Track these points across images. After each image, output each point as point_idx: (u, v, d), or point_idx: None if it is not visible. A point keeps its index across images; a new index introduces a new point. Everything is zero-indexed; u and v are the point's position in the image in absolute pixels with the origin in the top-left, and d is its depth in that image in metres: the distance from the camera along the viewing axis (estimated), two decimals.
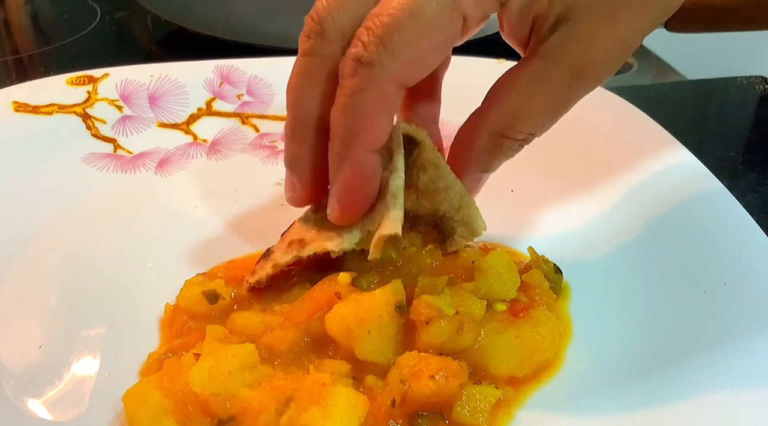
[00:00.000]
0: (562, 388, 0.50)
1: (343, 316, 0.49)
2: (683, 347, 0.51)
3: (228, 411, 0.45)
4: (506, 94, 0.49)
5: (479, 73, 0.84)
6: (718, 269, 0.56)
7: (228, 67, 0.83)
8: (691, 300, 0.55)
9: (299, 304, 0.52)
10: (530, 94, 0.48)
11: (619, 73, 1.07)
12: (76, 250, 0.63)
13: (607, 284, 0.59)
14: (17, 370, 0.51)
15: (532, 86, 0.47)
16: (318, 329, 0.50)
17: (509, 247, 0.64)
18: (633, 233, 0.63)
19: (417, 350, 0.48)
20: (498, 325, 0.50)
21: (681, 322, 0.54)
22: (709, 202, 0.63)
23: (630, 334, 0.54)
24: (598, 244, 0.63)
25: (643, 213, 0.64)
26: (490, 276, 0.52)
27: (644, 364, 0.51)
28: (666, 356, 0.51)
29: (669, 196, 0.65)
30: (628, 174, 0.69)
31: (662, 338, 0.53)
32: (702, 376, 0.48)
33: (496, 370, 0.50)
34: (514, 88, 0.48)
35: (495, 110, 0.49)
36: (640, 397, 0.48)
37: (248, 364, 0.46)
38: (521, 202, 0.70)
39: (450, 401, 0.46)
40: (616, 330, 0.55)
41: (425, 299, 0.49)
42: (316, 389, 0.44)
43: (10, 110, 0.73)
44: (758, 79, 1.02)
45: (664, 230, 0.62)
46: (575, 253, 0.61)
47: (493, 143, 0.50)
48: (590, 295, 0.59)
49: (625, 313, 0.56)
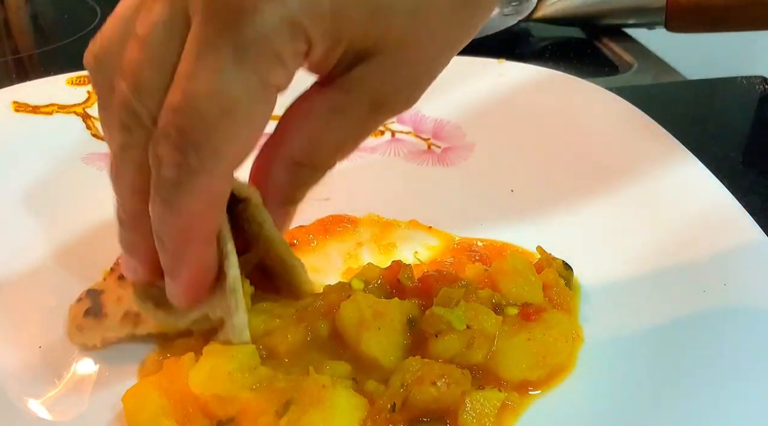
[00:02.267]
0: (572, 391, 0.50)
1: (360, 305, 0.49)
2: (683, 347, 0.51)
3: (227, 412, 0.45)
4: (303, 123, 0.46)
5: (479, 73, 0.85)
6: (718, 269, 0.56)
7: None
8: (690, 300, 0.55)
9: (311, 304, 0.52)
10: (329, 125, 0.46)
11: (619, 73, 1.07)
12: (76, 250, 0.63)
13: (608, 284, 0.59)
14: (17, 370, 0.51)
15: (332, 116, 0.45)
16: (324, 331, 0.50)
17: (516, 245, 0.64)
18: (632, 233, 0.63)
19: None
20: (509, 329, 0.50)
21: (681, 322, 0.54)
22: (708, 202, 0.63)
23: (632, 334, 0.54)
24: (597, 245, 0.63)
25: (643, 213, 0.64)
26: (515, 279, 0.53)
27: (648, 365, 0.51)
28: (668, 356, 0.51)
29: (668, 196, 0.65)
30: (627, 174, 0.69)
31: (662, 338, 0.53)
32: (704, 378, 0.48)
33: (508, 373, 0.49)
34: (312, 118, 0.46)
35: (292, 139, 0.47)
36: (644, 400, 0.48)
37: (248, 366, 0.46)
38: (521, 202, 0.70)
39: (452, 409, 0.46)
40: (623, 330, 0.55)
41: (436, 311, 0.49)
42: (316, 391, 0.44)
43: (10, 110, 0.73)
44: (758, 79, 1.02)
45: (663, 230, 0.62)
46: (575, 252, 0.61)
47: (291, 172, 0.48)
48: (592, 295, 0.59)
49: (628, 313, 0.56)
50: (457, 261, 0.62)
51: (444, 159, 0.78)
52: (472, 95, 0.83)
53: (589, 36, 1.19)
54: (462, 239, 0.65)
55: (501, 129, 0.79)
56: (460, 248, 0.64)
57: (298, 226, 0.66)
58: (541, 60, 1.11)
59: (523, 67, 0.85)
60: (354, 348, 0.49)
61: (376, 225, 0.67)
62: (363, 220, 0.68)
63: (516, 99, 0.81)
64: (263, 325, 0.51)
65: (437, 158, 0.78)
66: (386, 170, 0.76)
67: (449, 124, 0.82)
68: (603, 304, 0.58)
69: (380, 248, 0.64)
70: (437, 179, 0.75)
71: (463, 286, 0.52)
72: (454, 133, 0.81)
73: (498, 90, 0.83)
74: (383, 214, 0.68)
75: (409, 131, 0.81)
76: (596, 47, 1.16)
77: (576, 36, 1.19)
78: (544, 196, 0.70)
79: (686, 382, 0.49)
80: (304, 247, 0.64)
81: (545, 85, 0.82)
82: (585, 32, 1.19)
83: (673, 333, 0.53)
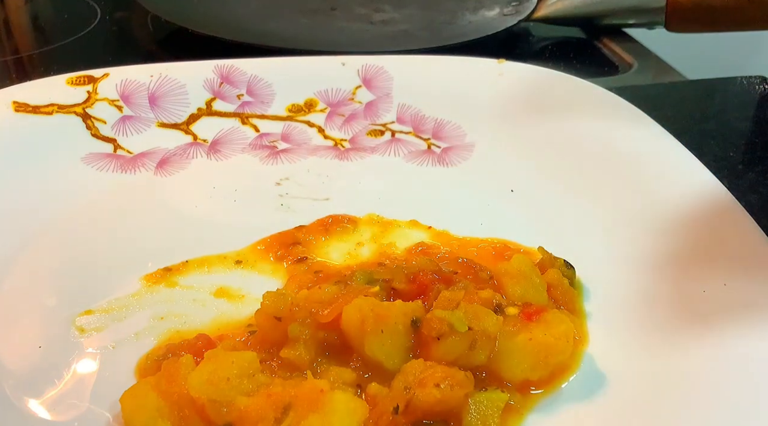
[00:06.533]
0: (575, 391, 0.50)
1: (362, 307, 0.49)
2: (683, 347, 0.51)
3: (224, 417, 0.45)
4: None
5: (479, 73, 0.85)
6: (718, 269, 0.56)
7: (228, 67, 0.83)
8: (690, 300, 0.55)
9: (329, 305, 0.52)
10: None
11: (619, 73, 1.07)
12: (76, 250, 0.63)
13: (609, 284, 0.59)
14: (17, 370, 0.51)
15: None
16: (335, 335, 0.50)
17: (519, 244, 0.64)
18: (632, 233, 0.63)
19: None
20: (511, 329, 0.50)
21: (681, 322, 0.53)
22: (709, 202, 0.63)
23: (633, 334, 0.54)
24: (598, 244, 0.63)
25: (643, 213, 0.64)
26: (519, 281, 0.53)
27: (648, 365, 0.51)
28: (668, 356, 0.51)
29: (668, 196, 0.65)
30: (627, 174, 0.69)
31: (663, 338, 0.53)
32: (704, 378, 0.48)
33: (510, 373, 0.49)
34: None
35: None
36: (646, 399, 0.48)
37: (247, 372, 0.46)
38: (521, 202, 0.70)
39: (455, 411, 0.46)
40: (625, 330, 0.55)
41: (438, 314, 0.49)
42: (315, 396, 0.44)
43: (10, 110, 0.73)
44: (758, 79, 1.02)
45: (663, 230, 0.62)
46: (576, 252, 0.61)
47: None
48: (593, 294, 0.59)
49: (628, 313, 0.56)
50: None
51: (444, 159, 0.78)
52: (472, 95, 0.83)
53: (589, 36, 1.19)
54: (462, 239, 0.65)
55: (501, 129, 0.79)
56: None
57: (298, 226, 0.66)
58: (541, 60, 1.11)
59: (523, 67, 0.85)
60: (358, 351, 0.49)
61: (376, 225, 0.67)
62: (363, 220, 0.68)
63: (516, 99, 0.81)
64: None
65: (437, 158, 0.78)
66: (386, 170, 0.76)
67: (449, 124, 0.82)
68: (604, 303, 0.58)
69: (380, 248, 0.64)
70: (437, 179, 0.75)
71: (462, 288, 0.52)
72: (454, 133, 0.81)
73: (498, 90, 0.83)
74: (383, 214, 0.68)
75: (409, 131, 0.81)
76: (596, 47, 1.16)
77: (576, 36, 1.19)
78: (544, 196, 0.70)
79: (686, 382, 0.49)
80: (305, 247, 0.64)
81: (545, 85, 0.82)
82: (585, 32, 1.19)
83: (674, 333, 0.53)
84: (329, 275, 0.59)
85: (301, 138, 0.80)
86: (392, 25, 1.17)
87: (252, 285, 0.60)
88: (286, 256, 0.63)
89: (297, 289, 0.57)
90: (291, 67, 0.84)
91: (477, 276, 0.57)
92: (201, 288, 0.60)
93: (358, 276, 0.54)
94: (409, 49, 0.96)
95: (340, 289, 0.53)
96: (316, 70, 0.84)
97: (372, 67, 0.84)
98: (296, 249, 0.64)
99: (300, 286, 0.58)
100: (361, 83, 0.84)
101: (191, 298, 0.58)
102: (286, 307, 0.51)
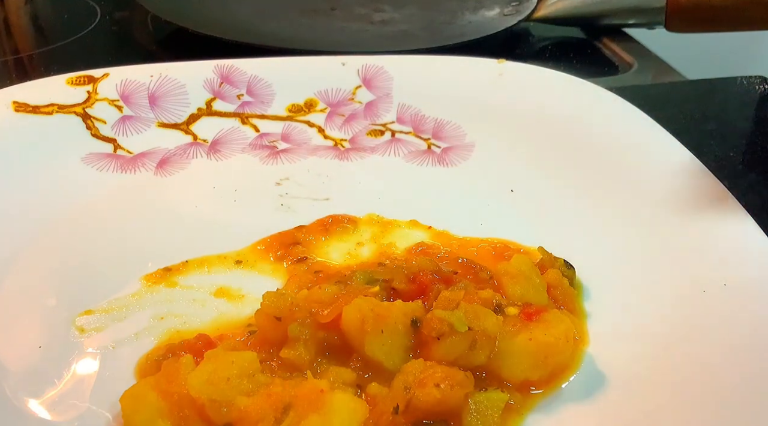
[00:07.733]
0: (576, 391, 0.50)
1: (361, 307, 0.49)
2: (684, 346, 0.51)
3: (224, 417, 0.45)
4: None
5: (479, 73, 0.85)
6: (718, 269, 0.56)
7: (228, 67, 0.83)
8: (690, 300, 0.55)
9: (329, 305, 0.52)
10: None
11: (619, 73, 1.07)
12: (76, 250, 0.63)
13: (609, 284, 0.59)
14: (17, 370, 0.51)
15: None
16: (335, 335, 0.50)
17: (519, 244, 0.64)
18: (632, 233, 0.63)
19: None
20: (511, 329, 0.50)
21: (681, 322, 0.53)
22: (709, 202, 0.63)
23: (633, 334, 0.54)
24: (597, 244, 0.63)
25: (643, 213, 0.64)
26: (520, 281, 0.53)
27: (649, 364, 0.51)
28: (669, 356, 0.51)
29: (669, 196, 0.65)
30: (627, 174, 0.69)
31: (663, 338, 0.53)
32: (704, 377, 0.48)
33: (510, 373, 0.49)
34: None
35: None
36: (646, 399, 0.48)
37: (247, 372, 0.46)
38: (521, 202, 0.70)
39: (455, 411, 0.46)
40: (625, 330, 0.55)
41: (438, 314, 0.49)
42: (315, 396, 0.44)
43: (10, 110, 0.73)
44: (758, 79, 1.02)
45: (663, 230, 0.62)
46: (576, 252, 0.61)
47: None
48: (593, 294, 0.59)
49: (628, 313, 0.56)
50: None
51: (444, 159, 0.78)
52: (472, 95, 0.83)
53: (589, 36, 1.19)
54: (462, 239, 0.65)
55: (501, 129, 0.79)
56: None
57: (298, 226, 0.66)
58: (541, 60, 1.11)
59: (523, 67, 0.85)
60: (358, 351, 0.49)
61: (376, 225, 0.67)
62: (363, 220, 0.68)
63: (516, 99, 0.81)
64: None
65: (437, 158, 0.78)
66: (386, 170, 0.76)
67: (449, 124, 0.82)
68: (604, 303, 0.58)
69: (380, 248, 0.64)
70: (437, 179, 0.75)
71: (462, 288, 0.52)
72: (454, 133, 0.81)
73: (498, 90, 0.83)
74: (383, 214, 0.68)
75: (409, 131, 0.81)
76: (596, 47, 1.16)
77: (576, 36, 1.19)
78: (544, 196, 0.70)
79: (686, 382, 0.49)
80: (305, 247, 0.64)
81: (545, 85, 0.82)
82: (585, 32, 1.19)
83: (674, 333, 0.53)
84: (329, 275, 0.59)
85: (301, 138, 0.80)
86: (392, 25, 1.17)
87: (252, 285, 0.60)
88: (286, 256, 0.63)
89: (297, 289, 0.57)
90: (291, 67, 0.84)
91: (477, 276, 0.57)
92: (201, 288, 0.60)
93: (358, 276, 0.54)
94: (409, 49, 0.96)
95: (340, 289, 0.53)
96: (316, 70, 0.84)
97: (372, 67, 0.84)
98: (296, 249, 0.64)
99: (300, 286, 0.58)
100: (361, 83, 0.84)
101: (191, 298, 0.59)
102: (286, 307, 0.51)
